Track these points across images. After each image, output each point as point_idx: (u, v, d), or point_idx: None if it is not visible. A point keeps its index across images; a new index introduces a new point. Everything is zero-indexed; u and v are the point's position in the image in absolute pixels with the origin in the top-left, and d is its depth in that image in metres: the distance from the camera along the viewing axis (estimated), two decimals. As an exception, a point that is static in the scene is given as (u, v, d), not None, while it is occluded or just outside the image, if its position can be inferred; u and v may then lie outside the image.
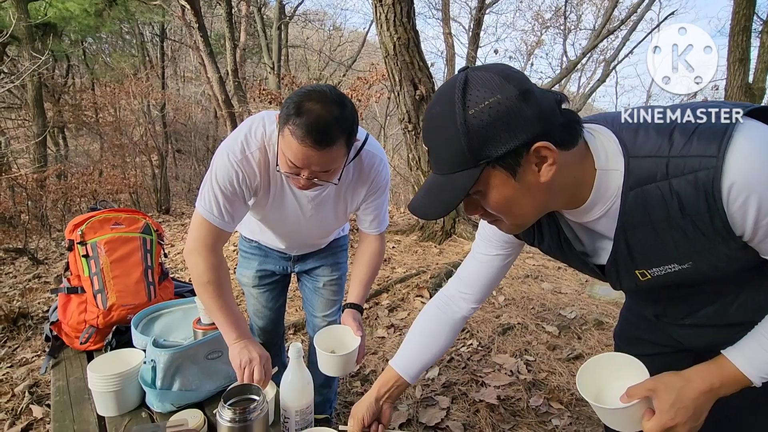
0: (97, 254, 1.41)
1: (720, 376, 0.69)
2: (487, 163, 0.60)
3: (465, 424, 1.82)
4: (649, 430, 0.70)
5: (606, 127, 0.67)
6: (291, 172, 1.04)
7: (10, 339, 2.73)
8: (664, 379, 0.70)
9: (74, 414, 1.14)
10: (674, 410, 0.68)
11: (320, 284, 1.54)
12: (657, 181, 0.61)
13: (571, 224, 0.76)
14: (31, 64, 5.59)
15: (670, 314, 0.84)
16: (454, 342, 0.98)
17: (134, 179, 8.13)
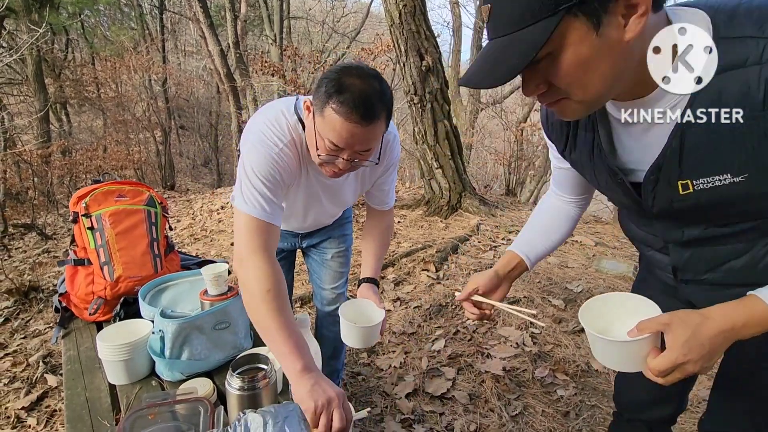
0: (102, 226, 1.40)
1: (745, 315, 0.62)
2: (568, 8, 0.50)
3: (470, 394, 1.85)
4: (655, 366, 0.64)
5: (699, 8, 0.58)
6: (331, 155, 0.98)
7: (23, 311, 2.79)
8: (680, 315, 0.64)
9: (86, 382, 1.16)
10: (688, 346, 0.61)
11: (328, 257, 1.54)
12: (745, 66, 0.53)
13: (617, 128, 0.68)
14: (29, 37, 5.49)
15: (692, 266, 0.77)
16: (571, 233, 0.96)
17: (138, 155, 8.13)
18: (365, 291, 1.25)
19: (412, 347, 2.20)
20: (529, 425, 1.67)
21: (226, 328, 1.21)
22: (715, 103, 0.56)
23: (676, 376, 0.65)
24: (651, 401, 0.97)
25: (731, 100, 0.55)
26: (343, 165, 1.00)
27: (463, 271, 2.96)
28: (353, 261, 2.43)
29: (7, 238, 4.50)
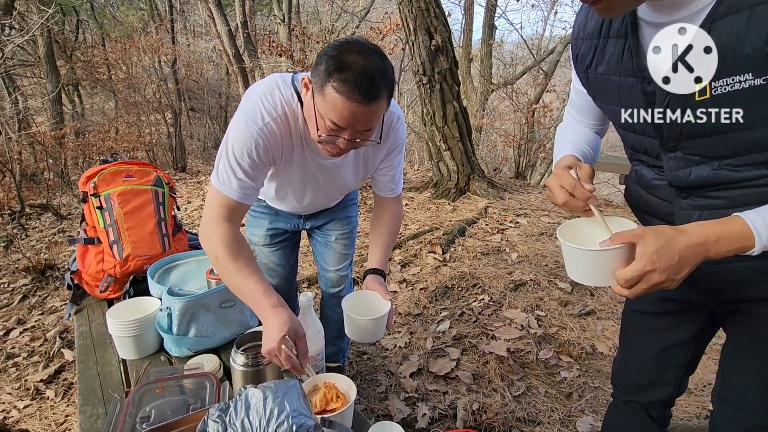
0: (111, 206, 1.43)
1: (720, 230, 0.61)
2: None
3: (474, 374, 1.87)
4: (622, 275, 0.62)
5: None
6: (332, 134, 0.96)
7: (40, 289, 2.87)
8: (655, 227, 0.63)
9: (97, 357, 1.20)
10: (657, 255, 0.60)
11: (332, 239, 1.54)
12: None
13: (648, 33, 0.66)
14: (39, 18, 5.50)
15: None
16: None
17: (149, 137, 8.18)
18: (371, 283, 1.20)
19: (418, 328, 2.23)
20: (531, 405, 1.69)
21: (231, 306, 1.23)
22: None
23: (641, 288, 0.63)
24: (648, 384, 0.97)
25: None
26: (344, 145, 0.98)
27: (470, 253, 2.95)
28: (359, 243, 2.44)
29: (25, 218, 4.61)
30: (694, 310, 0.89)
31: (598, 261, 0.65)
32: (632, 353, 0.98)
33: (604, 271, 0.64)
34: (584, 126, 0.95)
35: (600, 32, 0.74)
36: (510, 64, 9.27)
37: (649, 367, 0.85)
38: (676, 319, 0.90)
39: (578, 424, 1.59)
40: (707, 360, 1.82)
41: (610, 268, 0.64)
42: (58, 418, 1.78)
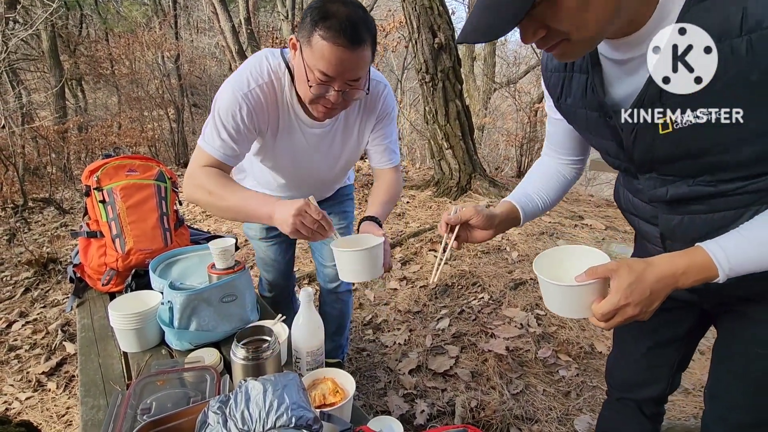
0: (113, 200, 1.44)
1: (686, 262, 0.64)
2: None
3: (473, 372, 1.88)
4: (598, 309, 0.65)
5: None
6: (321, 85, 0.98)
7: (42, 282, 2.89)
8: (627, 261, 0.66)
9: (99, 349, 1.21)
10: (630, 290, 0.63)
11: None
12: None
13: (608, 68, 0.68)
14: (43, 12, 5.51)
15: (680, 236, 0.75)
16: (564, 196, 0.96)
17: (152, 133, 8.20)
18: (365, 227, 1.16)
19: (417, 325, 2.24)
20: (529, 403, 1.70)
21: (233, 300, 1.24)
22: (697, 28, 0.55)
23: (617, 321, 0.65)
24: (641, 381, 0.98)
25: (712, 25, 0.54)
26: (334, 98, 1.00)
27: (470, 252, 2.96)
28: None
29: (27, 211, 4.63)
30: (686, 309, 0.89)
31: (574, 295, 0.67)
32: (625, 351, 0.99)
33: (580, 304, 0.67)
34: (559, 163, 0.95)
35: (565, 66, 0.76)
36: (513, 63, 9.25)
37: (641, 365, 0.87)
38: (668, 318, 0.90)
39: (576, 422, 1.59)
40: (705, 360, 1.82)
41: (586, 302, 0.67)
42: (59, 410, 1.80)
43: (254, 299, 1.30)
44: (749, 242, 0.62)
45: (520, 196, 0.92)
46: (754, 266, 0.62)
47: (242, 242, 3.39)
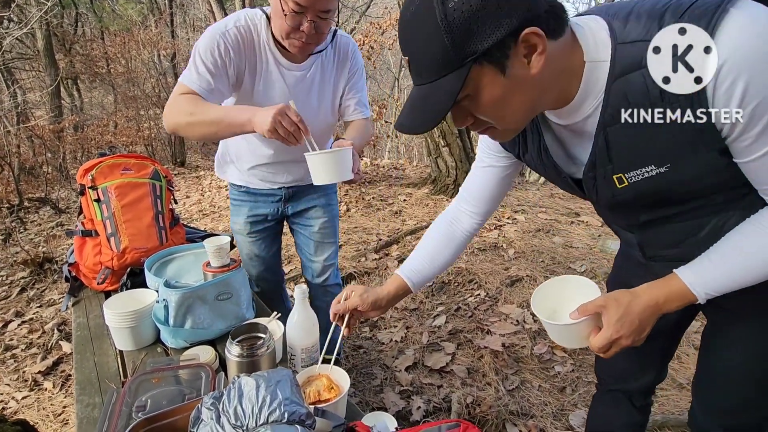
0: (108, 199, 1.43)
1: (667, 291, 0.69)
2: (473, 60, 0.56)
3: (469, 369, 1.89)
4: (595, 344, 0.71)
5: (600, 16, 0.62)
6: (295, 17, 1.11)
7: (38, 282, 2.89)
8: (614, 296, 0.71)
9: (94, 348, 1.21)
10: (620, 323, 0.68)
11: (315, 228, 1.57)
12: (642, 67, 0.57)
13: (557, 130, 0.73)
14: (38, 11, 5.48)
15: (655, 244, 0.81)
16: (459, 255, 1.01)
17: (148, 132, 8.16)
18: (336, 143, 1.22)
19: (414, 323, 2.24)
20: (525, 399, 1.71)
21: (228, 298, 1.24)
22: (624, 103, 0.60)
23: (614, 350, 0.71)
24: (629, 372, 1.00)
25: (636, 98, 0.59)
26: (307, 29, 1.12)
27: (467, 249, 2.97)
28: (346, 230, 2.44)
29: (23, 211, 4.61)
30: None
31: (571, 331, 0.75)
32: None
33: (578, 337, 0.75)
34: (466, 216, 0.96)
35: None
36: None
37: (630, 357, 0.89)
38: None
39: (571, 417, 1.61)
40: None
41: (583, 335, 0.74)
42: (56, 408, 1.80)
43: (250, 297, 1.31)
44: (717, 268, 0.66)
45: (409, 271, 0.97)
46: (728, 287, 0.67)
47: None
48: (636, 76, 0.58)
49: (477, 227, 0.97)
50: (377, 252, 3.03)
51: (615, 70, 0.59)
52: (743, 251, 0.65)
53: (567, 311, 0.75)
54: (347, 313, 0.96)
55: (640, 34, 0.57)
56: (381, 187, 4.51)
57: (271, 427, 0.61)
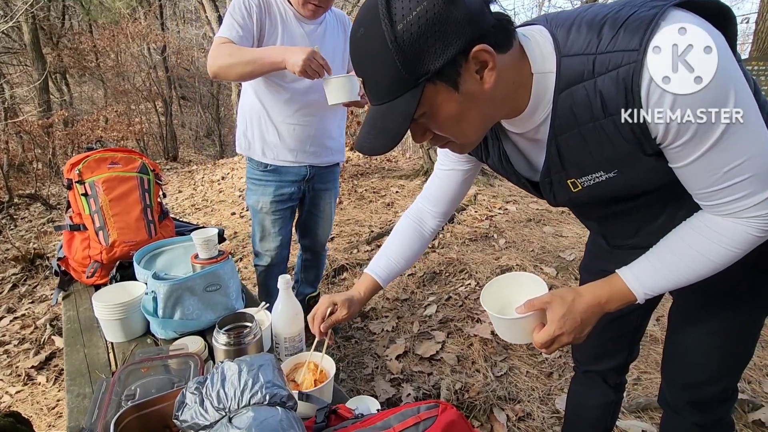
0: (96, 193, 1.44)
1: (609, 291, 0.72)
2: (426, 79, 0.57)
3: (458, 356, 1.92)
4: (538, 339, 0.73)
5: (544, 26, 0.64)
6: None
7: (30, 278, 2.88)
8: (559, 293, 0.73)
9: (84, 340, 1.22)
10: (563, 321, 0.71)
11: (329, 208, 1.84)
12: (584, 80, 0.59)
13: (513, 138, 0.75)
14: (23, 3, 5.39)
15: (616, 234, 0.84)
16: (424, 251, 1.05)
17: (140, 126, 8.10)
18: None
19: (405, 312, 2.27)
20: (512, 384, 1.74)
21: (216, 290, 1.26)
22: (570, 115, 0.62)
23: (555, 347, 0.74)
24: (602, 353, 1.04)
25: (581, 111, 0.61)
26: None
27: (458, 240, 2.99)
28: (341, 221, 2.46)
29: (13, 208, 4.58)
30: None
31: (517, 326, 0.77)
32: None
33: (523, 332, 0.77)
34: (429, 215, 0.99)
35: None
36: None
37: (603, 338, 0.92)
38: None
39: (557, 401, 1.64)
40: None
41: (527, 330, 0.76)
42: (49, 402, 1.82)
43: (239, 288, 1.32)
44: (656, 270, 0.69)
45: (381, 270, 1.00)
46: (665, 287, 0.70)
47: (229, 235, 3.40)
48: (579, 89, 0.60)
49: (440, 225, 1.01)
50: (369, 244, 3.05)
51: (560, 83, 0.61)
52: (679, 253, 0.67)
53: (515, 307, 0.77)
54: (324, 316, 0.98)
55: (581, 47, 0.59)
56: (374, 179, 4.52)
57: (252, 408, 0.62)
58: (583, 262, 1.07)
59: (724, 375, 0.87)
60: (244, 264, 2.95)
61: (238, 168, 5.51)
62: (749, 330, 0.84)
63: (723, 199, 0.61)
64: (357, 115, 5.04)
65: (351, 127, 4.98)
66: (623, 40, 0.55)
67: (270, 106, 1.60)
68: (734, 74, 0.55)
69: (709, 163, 0.58)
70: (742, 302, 0.80)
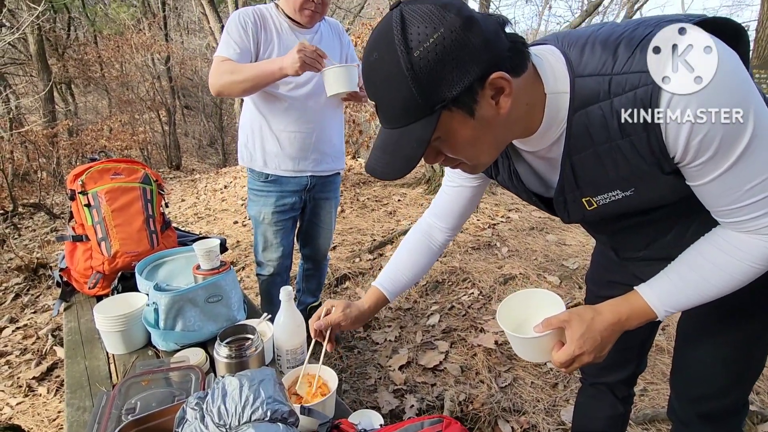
0: (99, 203, 1.44)
1: (629, 309, 0.70)
2: (443, 107, 0.56)
3: (462, 367, 1.90)
4: (557, 359, 0.71)
5: (555, 45, 0.64)
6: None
7: (32, 288, 2.88)
8: (578, 311, 0.72)
9: (85, 352, 1.21)
10: (583, 340, 0.69)
11: (329, 218, 1.84)
12: (600, 101, 0.59)
13: (525, 156, 0.75)
14: (29, 15, 5.47)
15: (627, 247, 0.84)
16: (432, 265, 1.03)
17: (144, 136, 8.15)
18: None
19: (408, 322, 2.25)
20: (517, 396, 1.72)
21: (218, 301, 1.25)
22: (585, 135, 0.62)
23: (575, 366, 0.72)
24: (610, 365, 1.02)
25: (596, 131, 0.61)
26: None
27: (461, 248, 2.98)
28: (342, 229, 2.45)
29: (17, 217, 4.60)
30: None
31: (534, 344, 0.75)
32: None
33: (542, 351, 0.75)
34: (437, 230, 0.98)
35: None
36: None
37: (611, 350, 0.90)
38: None
39: (562, 413, 1.62)
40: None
41: (546, 349, 0.74)
42: (50, 414, 1.80)
43: (241, 299, 1.31)
44: (676, 287, 0.68)
45: (388, 283, 0.99)
46: (686, 305, 0.69)
47: (232, 245, 3.40)
48: (595, 110, 0.60)
49: (450, 239, 1.00)
50: (371, 252, 3.04)
51: (575, 103, 0.61)
52: (699, 269, 0.66)
53: (532, 325, 0.75)
54: (328, 328, 0.96)
55: (596, 67, 0.58)
56: (376, 188, 4.52)
57: (253, 425, 0.62)
58: (590, 272, 1.06)
59: (735, 387, 0.85)
60: (247, 273, 2.94)
61: (240, 177, 5.53)
62: (760, 341, 0.82)
63: (744, 216, 0.60)
64: (359, 123, 5.05)
65: (353, 135, 5.00)
66: (640, 61, 0.55)
67: (269, 116, 1.61)
68: (753, 94, 0.55)
69: (730, 181, 0.58)
70: (752, 313, 0.79)
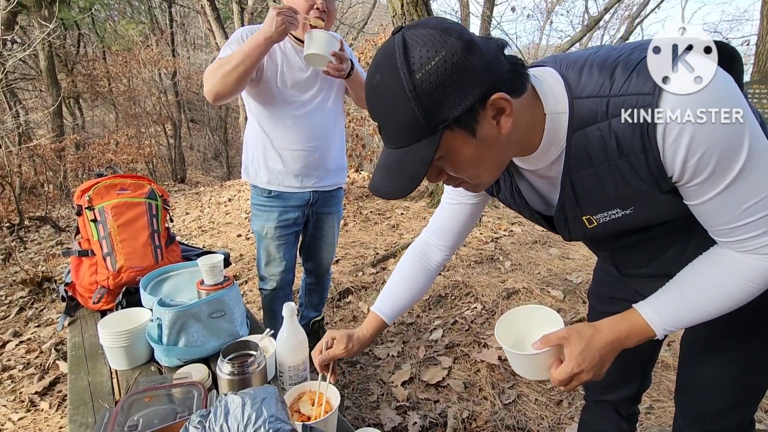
0: (105, 219, 1.46)
1: (628, 327, 0.70)
2: (445, 127, 0.58)
3: (465, 383, 1.88)
4: (556, 376, 0.71)
5: (553, 67, 0.65)
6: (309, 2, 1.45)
7: (37, 301, 2.89)
8: (577, 328, 0.72)
9: (89, 367, 1.22)
10: (582, 357, 0.69)
11: (332, 231, 1.83)
12: (598, 122, 0.60)
13: (526, 174, 0.76)
14: (40, 32, 5.59)
15: (628, 264, 0.84)
16: (431, 285, 1.03)
17: (149, 149, 8.24)
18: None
19: (411, 337, 2.24)
20: (521, 413, 1.70)
21: (221, 316, 1.26)
22: (584, 154, 0.63)
23: (574, 384, 0.72)
24: (614, 383, 1.02)
25: (595, 151, 0.62)
26: (321, 5, 1.45)
27: (464, 262, 2.98)
28: (345, 242, 2.45)
29: (24, 230, 4.64)
30: None
31: (533, 361, 0.74)
32: None
33: (540, 368, 0.75)
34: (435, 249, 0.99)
35: None
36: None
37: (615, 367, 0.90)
38: None
39: (567, 431, 1.60)
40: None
41: (544, 366, 0.74)
42: (52, 429, 1.80)
43: (244, 314, 1.32)
44: (675, 305, 0.68)
45: (387, 308, 0.99)
46: (684, 323, 0.69)
47: (235, 258, 3.40)
48: (593, 131, 0.61)
49: (447, 257, 1.00)
50: (374, 266, 3.04)
51: (574, 123, 0.62)
52: (698, 288, 0.67)
53: (531, 341, 0.75)
54: (331, 362, 0.97)
55: (594, 89, 0.60)
56: (378, 201, 4.54)
57: (255, 445, 0.62)
58: (592, 287, 1.06)
59: (741, 405, 0.85)
60: (250, 287, 2.95)
61: (244, 190, 5.57)
62: (765, 358, 0.82)
63: (742, 236, 0.61)
64: (362, 138, 5.10)
65: (356, 149, 5.04)
66: (636, 83, 0.57)
67: (273, 135, 1.62)
68: (747, 116, 0.55)
69: (727, 201, 0.59)
70: (757, 330, 0.79)
